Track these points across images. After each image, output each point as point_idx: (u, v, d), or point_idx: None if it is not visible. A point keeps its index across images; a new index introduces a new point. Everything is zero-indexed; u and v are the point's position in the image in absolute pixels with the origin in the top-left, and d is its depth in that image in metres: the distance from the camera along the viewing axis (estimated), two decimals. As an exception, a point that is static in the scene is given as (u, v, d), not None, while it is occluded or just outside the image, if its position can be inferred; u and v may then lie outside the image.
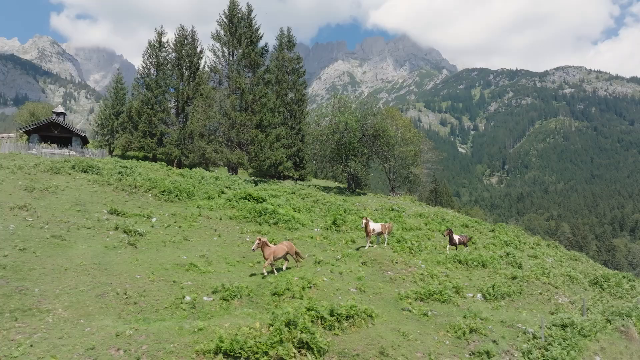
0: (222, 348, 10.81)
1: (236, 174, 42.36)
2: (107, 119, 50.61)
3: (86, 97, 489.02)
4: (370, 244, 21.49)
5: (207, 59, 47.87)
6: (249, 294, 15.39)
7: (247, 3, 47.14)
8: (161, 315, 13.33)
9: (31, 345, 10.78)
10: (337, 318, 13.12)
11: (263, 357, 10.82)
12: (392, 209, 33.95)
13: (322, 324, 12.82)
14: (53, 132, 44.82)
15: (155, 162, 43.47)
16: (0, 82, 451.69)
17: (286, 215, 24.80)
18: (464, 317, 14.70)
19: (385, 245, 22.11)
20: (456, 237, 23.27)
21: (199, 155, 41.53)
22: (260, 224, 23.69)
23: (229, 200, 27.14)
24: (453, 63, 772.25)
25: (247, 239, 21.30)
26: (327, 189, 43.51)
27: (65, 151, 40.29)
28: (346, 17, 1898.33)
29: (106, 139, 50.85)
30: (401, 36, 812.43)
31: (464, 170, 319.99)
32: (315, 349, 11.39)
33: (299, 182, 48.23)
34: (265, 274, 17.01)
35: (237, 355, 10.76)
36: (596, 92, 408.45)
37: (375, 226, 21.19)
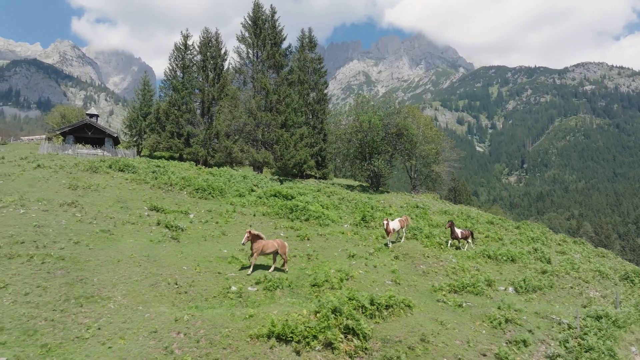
0: (275, 332, 11.53)
1: (261, 172, 43.25)
2: (135, 121, 52.15)
3: (106, 100, 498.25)
4: (391, 242, 22.09)
5: (232, 61, 48.82)
6: (290, 285, 16.09)
7: (271, 5, 48.02)
8: (211, 303, 14.10)
9: (99, 328, 11.68)
10: (377, 307, 13.72)
11: (313, 341, 11.50)
12: (417, 206, 34.35)
13: (364, 313, 13.41)
14: (87, 133, 46.46)
15: (182, 161, 44.69)
16: (24, 86, 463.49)
17: (316, 211, 25.48)
18: (499, 308, 15.15)
19: (403, 240, 22.72)
20: (458, 231, 23.21)
21: (225, 154, 42.50)
22: (292, 220, 24.43)
23: (260, 198, 27.96)
24: (470, 61, 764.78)
25: (282, 234, 22.04)
26: (350, 187, 44.08)
27: (99, 151, 41.75)
28: (361, 17, 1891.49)
29: (134, 139, 52.46)
30: (417, 35, 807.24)
31: (481, 169, 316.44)
32: (360, 335, 12.01)
33: (321, 180, 48.88)
34: (251, 271, 16.57)
35: (289, 339, 11.45)
36: (618, 89, 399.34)
37: (394, 225, 21.83)
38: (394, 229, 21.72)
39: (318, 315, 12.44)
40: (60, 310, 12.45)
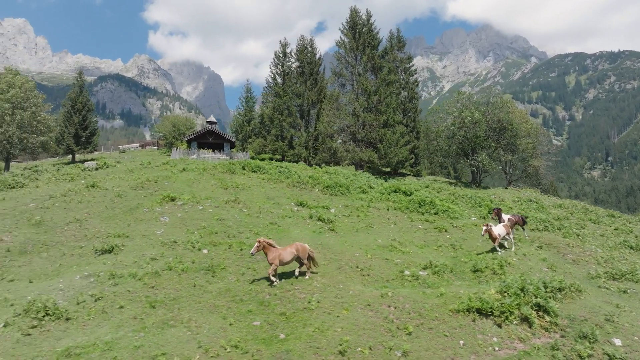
0: (474, 307, 12.97)
1: (363, 171, 45.09)
2: (240, 126, 56.43)
3: (180, 108, 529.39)
4: (499, 249, 19.43)
5: (331, 65, 51.17)
6: (451, 271, 17.48)
7: (367, 9, 49.83)
8: (392, 284, 15.81)
9: (318, 302, 13.70)
10: (551, 290, 14.68)
11: (511, 315, 12.80)
12: (530, 201, 34.35)
13: (539, 294, 14.45)
14: (208, 139, 51.44)
15: (285, 162, 47.61)
16: (109, 99, 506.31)
17: (443, 206, 26.67)
18: (668, 294, 15.49)
19: (513, 248, 19.84)
20: (505, 217, 21.17)
21: (329, 154, 44.95)
22: (423, 214, 25.81)
23: (382, 194, 29.65)
24: (542, 50, 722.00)
25: (420, 227, 23.50)
26: (451, 184, 44.62)
27: (220, 155, 46.04)
28: (424, 11, 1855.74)
29: (241, 143, 56.68)
30: (483, 26, 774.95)
31: (560, 163, 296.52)
32: (550, 312, 13.12)
33: (417, 178, 49.74)
34: (274, 281, 14.87)
35: (488, 313, 12.84)
36: None
37: (499, 230, 19.24)
38: (499, 234, 19.04)
39: (506, 294, 13.71)
40: (277, 287, 14.76)
